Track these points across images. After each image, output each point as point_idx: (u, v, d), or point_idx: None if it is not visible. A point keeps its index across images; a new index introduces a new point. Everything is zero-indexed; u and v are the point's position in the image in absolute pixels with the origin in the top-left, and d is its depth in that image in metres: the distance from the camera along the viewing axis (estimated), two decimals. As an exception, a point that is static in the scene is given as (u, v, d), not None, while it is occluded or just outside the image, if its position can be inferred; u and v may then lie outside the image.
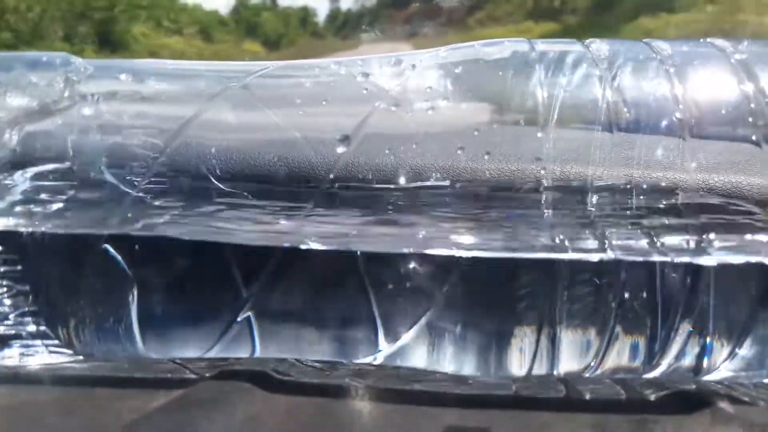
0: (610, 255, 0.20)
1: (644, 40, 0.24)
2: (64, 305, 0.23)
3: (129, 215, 0.21)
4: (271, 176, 0.21)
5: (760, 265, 0.20)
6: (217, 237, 0.21)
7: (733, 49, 0.23)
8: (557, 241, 0.20)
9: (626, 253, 0.20)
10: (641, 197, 0.21)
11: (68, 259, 0.23)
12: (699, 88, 0.21)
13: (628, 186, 0.21)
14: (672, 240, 0.20)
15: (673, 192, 0.20)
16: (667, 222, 0.21)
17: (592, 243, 0.21)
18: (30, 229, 0.22)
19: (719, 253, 0.20)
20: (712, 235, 0.20)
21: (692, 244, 0.20)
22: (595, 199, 0.21)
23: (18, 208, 0.22)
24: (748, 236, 0.20)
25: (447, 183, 0.21)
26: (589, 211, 0.21)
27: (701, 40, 0.24)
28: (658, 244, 0.20)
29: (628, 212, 0.21)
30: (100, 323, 0.23)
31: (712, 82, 0.22)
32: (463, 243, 0.21)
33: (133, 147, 0.22)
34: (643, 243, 0.20)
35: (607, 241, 0.20)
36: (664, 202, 0.21)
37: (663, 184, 0.20)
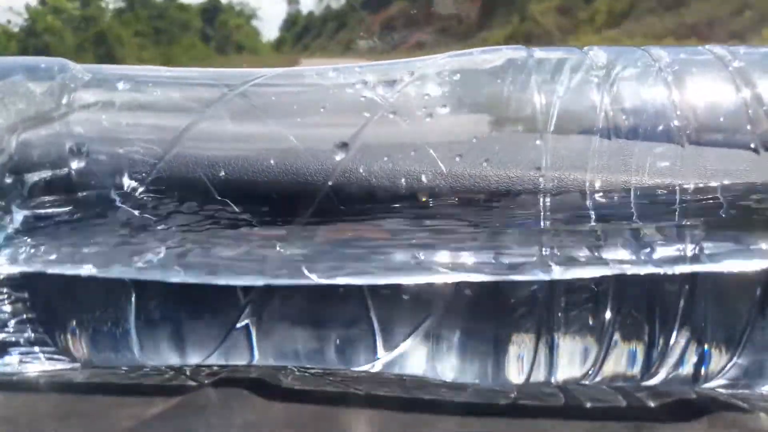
0: (605, 270, 0.20)
1: (642, 47, 0.24)
2: (63, 312, 0.23)
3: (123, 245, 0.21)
4: (268, 183, 0.21)
5: (758, 272, 0.21)
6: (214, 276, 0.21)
7: (731, 56, 0.23)
8: (553, 254, 0.20)
9: (621, 266, 0.20)
10: (640, 204, 0.21)
11: None
12: (697, 96, 0.21)
13: (627, 193, 0.21)
14: (669, 251, 0.20)
15: (672, 199, 0.20)
16: (665, 230, 0.20)
17: (588, 258, 0.20)
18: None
19: (716, 261, 0.20)
20: (710, 244, 0.20)
21: (689, 254, 0.20)
22: (593, 206, 0.21)
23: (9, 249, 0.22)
24: (748, 244, 0.20)
25: (445, 190, 0.21)
26: (588, 218, 0.21)
27: (699, 47, 0.24)
28: (655, 255, 0.20)
29: (626, 220, 0.21)
30: (99, 330, 0.23)
31: (710, 89, 0.22)
32: (460, 261, 0.21)
33: (131, 155, 0.22)
34: (639, 254, 0.20)
35: (601, 255, 0.20)
36: (663, 210, 0.20)
37: (661, 191, 0.20)
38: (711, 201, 0.20)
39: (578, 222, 0.21)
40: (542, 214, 0.21)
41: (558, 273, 0.20)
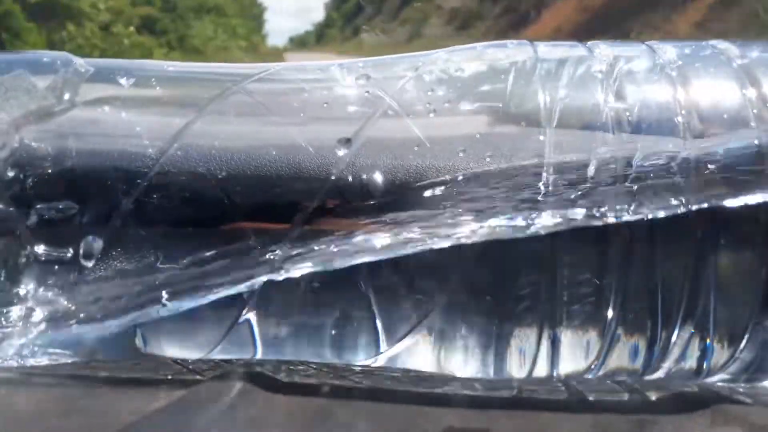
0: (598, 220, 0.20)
1: (647, 42, 0.24)
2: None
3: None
4: (270, 178, 0.21)
5: (762, 267, 0.21)
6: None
7: (735, 52, 0.23)
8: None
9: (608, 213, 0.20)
10: (641, 199, 0.21)
11: None
12: (701, 91, 0.22)
13: (629, 188, 0.21)
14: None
15: (675, 194, 0.20)
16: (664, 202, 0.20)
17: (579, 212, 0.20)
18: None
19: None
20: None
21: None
22: (594, 201, 0.21)
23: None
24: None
25: (448, 185, 0.21)
26: (588, 213, 0.21)
27: (704, 42, 0.24)
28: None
29: (627, 215, 0.21)
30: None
31: (714, 85, 0.22)
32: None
33: (134, 149, 0.22)
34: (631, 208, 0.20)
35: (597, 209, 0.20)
36: (665, 205, 0.21)
37: (665, 186, 0.20)
38: (715, 195, 0.20)
39: (578, 215, 0.21)
40: (544, 206, 0.21)
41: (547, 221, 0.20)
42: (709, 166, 0.20)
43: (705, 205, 0.20)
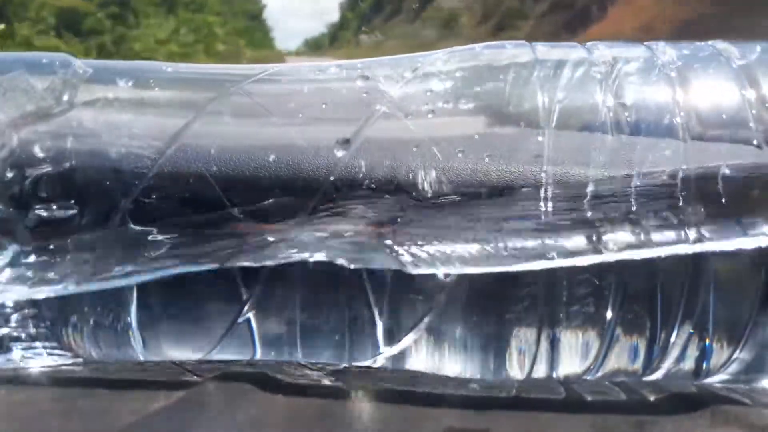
0: (602, 256, 0.20)
1: (646, 42, 0.24)
2: (65, 307, 0.23)
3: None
4: (269, 179, 0.21)
5: (761, 268, 0.21)
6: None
7: (734, 52, 0.23)
8: (551, 243, 0.20)
9: (618, 251, 0.20)
10: (641, 200, 0.21)
11: None
12: (700, 92, 0.21)
13: (629, 189, 0.21)
14: (669, 235, 0.20)
15: (674, 194, 0.20)
16: (665, 217, 0.20)
17: (586, 245, 0.20)
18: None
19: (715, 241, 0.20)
20: (708, 228, 0.20)
21: (691, 237, 0.20)
22: (594, 202, 0.21)
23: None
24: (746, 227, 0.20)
25: (447, 186, 0.21)
26: (589, 213, 0.21)
27: (703, 43, 0.24)
28: (654, 239, 0.20)
29: (627, 215, 0.21)
30: (100, 325, 0.23)
31: (713, 85, 0.22)
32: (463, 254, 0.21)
33: (132, 150, 0.22)
34: (639, 238, 0.20)
35: (601, 242, 0.20)
36: (664, 203, 0.21)
37: (664, 186, 0.20)
38: (713, 195, 0.20)
39: (579, 216, 0.21)
40: (543, 208, 0.21)
41: (559, 261, 0.20)
42: (712, 191, 0.20)
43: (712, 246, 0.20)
